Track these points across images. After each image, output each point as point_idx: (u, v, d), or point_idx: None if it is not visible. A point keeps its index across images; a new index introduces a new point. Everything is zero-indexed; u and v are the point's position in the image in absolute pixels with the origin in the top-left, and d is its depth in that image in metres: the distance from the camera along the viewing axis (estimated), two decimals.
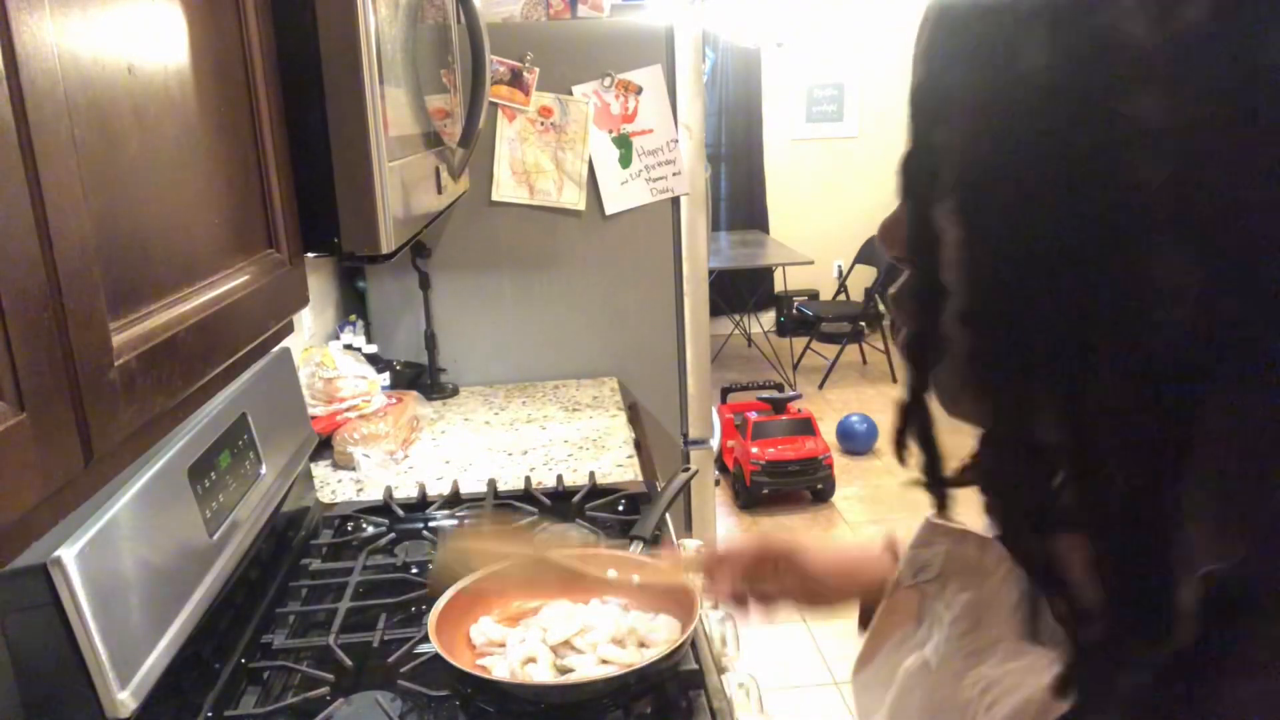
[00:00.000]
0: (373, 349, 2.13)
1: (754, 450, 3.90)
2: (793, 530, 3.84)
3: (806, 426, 4.03)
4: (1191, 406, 0.36)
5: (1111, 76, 0.36)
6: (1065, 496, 0.39)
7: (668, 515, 1.44)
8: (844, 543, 0.89)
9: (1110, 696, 0.37)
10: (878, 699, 0.60)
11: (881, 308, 5.50)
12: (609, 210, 2.23)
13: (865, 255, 5.67)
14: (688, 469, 1.50)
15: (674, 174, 2.22)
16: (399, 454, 1.81)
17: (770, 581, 0.82)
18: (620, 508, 1.54)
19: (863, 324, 5.61)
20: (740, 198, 6.09)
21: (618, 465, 1.75)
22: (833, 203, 6.03)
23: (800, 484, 3.95)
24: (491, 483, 1.63)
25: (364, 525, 1.52)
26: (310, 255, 1.03)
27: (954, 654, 0.53)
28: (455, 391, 2.25)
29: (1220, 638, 0.36)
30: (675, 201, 2.24)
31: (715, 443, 2.40)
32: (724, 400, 4.51)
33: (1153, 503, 0.36)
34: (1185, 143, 0.35)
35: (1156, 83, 0.35)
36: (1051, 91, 0.37)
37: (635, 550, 1.24)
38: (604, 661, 1.05)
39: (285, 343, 1.25)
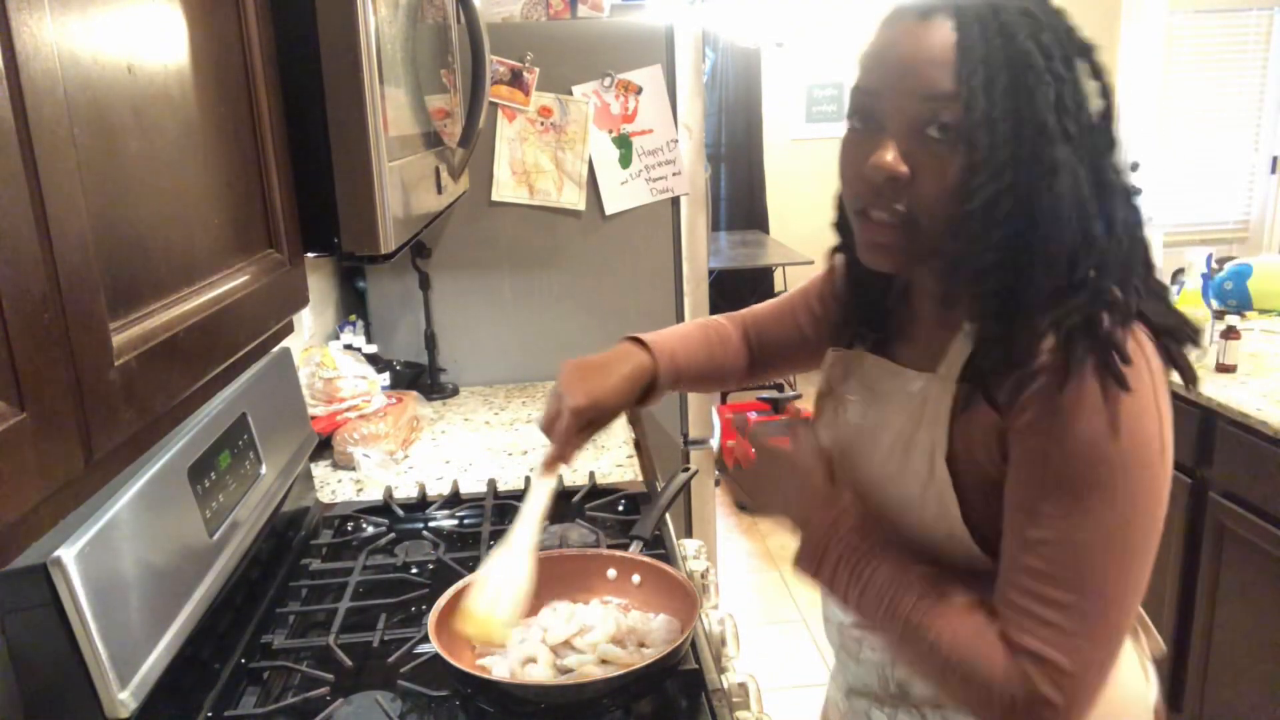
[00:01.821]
0: (373, 349, 2.13)
1: (754, 450, 3.89)
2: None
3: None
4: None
5: (1024, 88, 0.75)
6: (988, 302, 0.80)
7: (668, 515, 1.44)
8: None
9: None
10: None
11: None
12: (609, 210, 2.23)
13: None
14: (688, 469, 1.50)
15: (674, 174, 2.22)
16: (399, 454, 1.81)
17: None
18: (620, 508, 1.54)
19: None
20: (740, 198, 6.08)
21: (617, 465, 1.75)
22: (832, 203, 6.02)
23: None
24: (491, 483, 1.63)
25: (364, 525, 1.52)
26: (310, 255, 1.03)
27: (869, 406, 0.95)
28: (455, 391, 2.25)
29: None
30: (675, 201, 2.24)
31: (715, 443, 2.40)
32: (724, 400, 4.50)
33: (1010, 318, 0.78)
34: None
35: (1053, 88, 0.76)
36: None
37: (635, 550, 1.24)
38: (604, 661, 1.05)
39: (285, 343, 1.25)
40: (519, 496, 1.57)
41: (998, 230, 0.76)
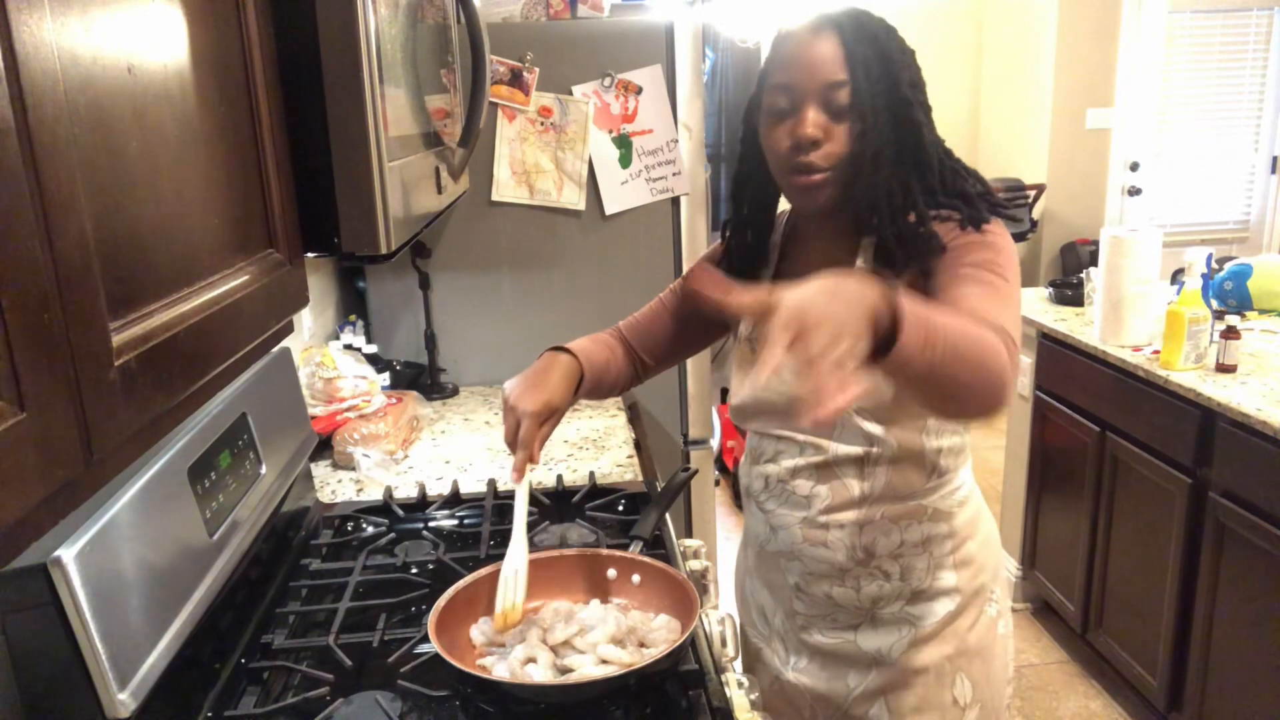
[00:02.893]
0: (373, 349, 2.13)
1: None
2: None
3: None
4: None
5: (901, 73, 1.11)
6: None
7: (668, 515, 1.44)
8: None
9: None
10: None
11: None
12: (609, 210, 2.23)
13: None
14: (688, 469, 1.50)
15: (674, 174, 2.22)
16: (399, 454, 1.81)
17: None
18: (620, 508, 1.54)
19: None
20: None
21: (618, 465, 1.75)
22: None
23: None
24: (491, 483, 1.63)
25: (364, 525, 1.52)
26: (310, 255, 1.03)
27: None
28: (455, 391, 2.25)
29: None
30: (675, 201, 2.24)
31: (715, 443, 2.40)
32: (724, 400, 4.50)
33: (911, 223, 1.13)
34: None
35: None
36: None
37: (635, 550, 1.24)
38: (604, 661, 1.05)
39: (285, 343, 1.25)
40: None
41: (886, 170, 1.09)
